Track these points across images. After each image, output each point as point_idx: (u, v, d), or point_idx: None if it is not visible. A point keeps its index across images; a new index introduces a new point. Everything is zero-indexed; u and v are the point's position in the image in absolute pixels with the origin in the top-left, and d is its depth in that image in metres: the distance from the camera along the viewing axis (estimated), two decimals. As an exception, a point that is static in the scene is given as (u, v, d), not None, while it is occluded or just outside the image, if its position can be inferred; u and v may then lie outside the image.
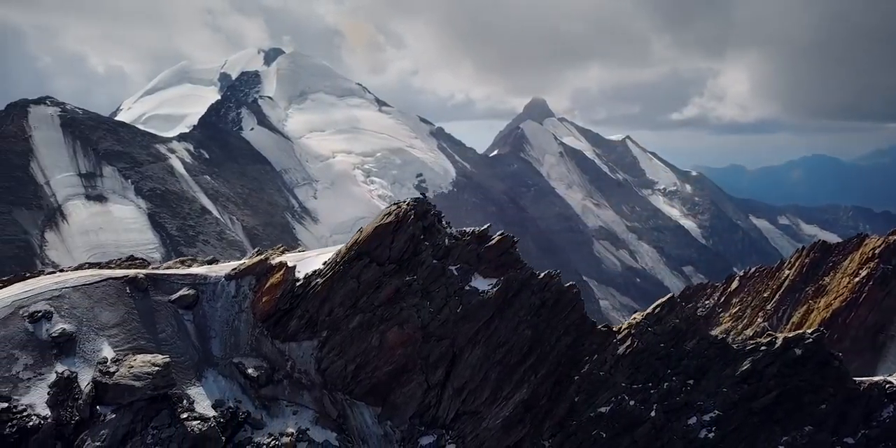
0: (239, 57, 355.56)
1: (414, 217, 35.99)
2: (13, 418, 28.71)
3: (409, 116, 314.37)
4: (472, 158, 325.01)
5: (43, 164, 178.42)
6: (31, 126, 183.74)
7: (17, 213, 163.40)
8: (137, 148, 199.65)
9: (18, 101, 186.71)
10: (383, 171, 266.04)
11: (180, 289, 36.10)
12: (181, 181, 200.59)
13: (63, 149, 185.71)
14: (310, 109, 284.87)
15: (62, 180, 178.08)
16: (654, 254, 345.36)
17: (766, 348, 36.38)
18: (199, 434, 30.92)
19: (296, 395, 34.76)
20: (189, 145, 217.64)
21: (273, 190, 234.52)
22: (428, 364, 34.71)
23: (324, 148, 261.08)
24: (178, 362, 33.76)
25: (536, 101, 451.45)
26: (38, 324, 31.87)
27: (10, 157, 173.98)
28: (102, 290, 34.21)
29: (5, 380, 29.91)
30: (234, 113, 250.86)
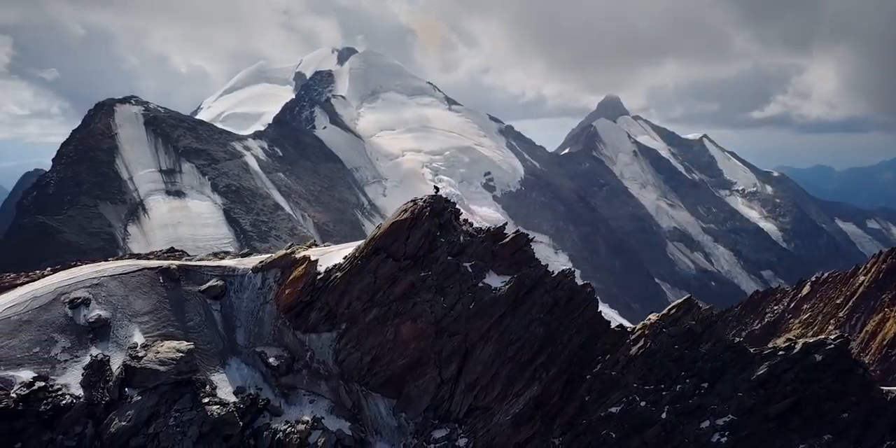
0: (313, 56, 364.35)
1: (430, 214, 36.67)
2: (49, 396, 31.00)
3: (478, 115, 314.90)
4: (542, 157, 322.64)
5: (127, 161, 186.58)
6: (116, 124, 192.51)
7: (103, 207, 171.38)
8: (215, 145, 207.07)
9: (105, 101, 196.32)
10: (451, 170, 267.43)
11: (210, 280, 38.00)
12: (256, 178, 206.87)
13: (146, 146, 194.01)
14: (380, 108, 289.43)
15: (144, 176, 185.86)
16: (731, 257, 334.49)
17: (784, 353, 35.22)
18: (218, 418, 32.59)
19: (313, 384, 36.07)
20: (264, 143, 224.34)
21: (344, 187, 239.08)
22: (441, 359, 35.36)
23: (393, 146, 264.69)
24: (203, 350, 35.59)
25: (610, 98, 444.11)
26: (77, 309, 34.22)
27: (97, 154, 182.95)
28: (137, 280, 36.39)
29: (44, 361, 32.30)
30: (307, 112, 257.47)
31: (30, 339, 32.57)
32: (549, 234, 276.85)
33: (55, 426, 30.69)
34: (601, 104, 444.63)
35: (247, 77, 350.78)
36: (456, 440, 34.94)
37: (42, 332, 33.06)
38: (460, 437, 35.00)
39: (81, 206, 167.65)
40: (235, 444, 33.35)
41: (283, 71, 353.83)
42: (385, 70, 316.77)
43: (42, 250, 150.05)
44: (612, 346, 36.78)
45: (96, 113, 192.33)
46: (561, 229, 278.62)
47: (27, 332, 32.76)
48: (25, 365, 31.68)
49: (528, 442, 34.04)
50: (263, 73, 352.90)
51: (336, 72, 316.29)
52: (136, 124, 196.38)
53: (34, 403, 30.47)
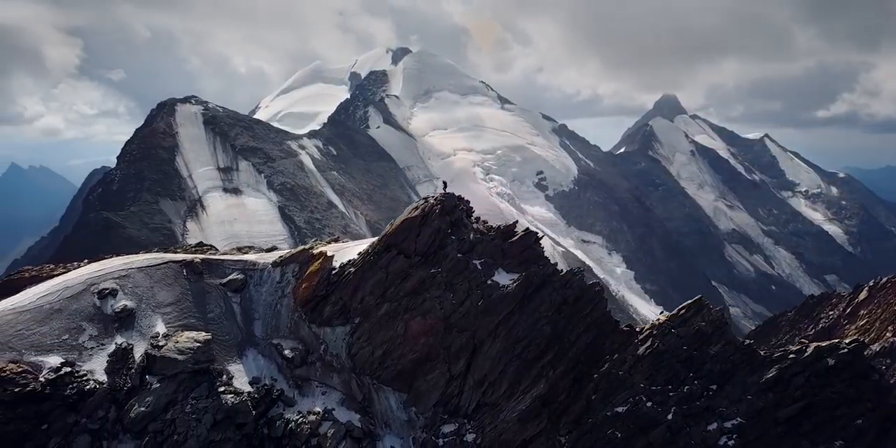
0: (368, 57, 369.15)
1: (441, 212, 37.21)
2: (74, 381, 32.75)
3: (531, 114, 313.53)
4: (596, 156, 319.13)
5: (187, 159, 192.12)
6: (177, 123, 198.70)
7: (164, 204, 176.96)
8: (271, 144, 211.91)
9: (167, 101, 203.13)
10: (503, 169, 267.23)
11: (231, 273, 39.39)
12: (310, 176, 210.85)
13: (205, 144, 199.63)
14: (433, 108, 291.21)
15: (203, 174, 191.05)
16: (793, 260, 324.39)
17: (795, 356, 34.41)
18: (232, 407, 33.88)
19: (326, 376, 37.07)
20: (318, 142, 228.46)
21: (396, 186, 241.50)
22: (450, 354, 35.90)
23: (445, 145, 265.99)
24: (222, 341, 37.00)
25: (667, 97, 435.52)
26: (105, 300, 36.02)
27: (159, 152, 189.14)
28: (162, 272, 38.05)
29: (72, 348, 34.14)
30: (361, 111, 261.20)
31: (60, 327, 34.48)
32: (602, 235, 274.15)
33: (80, 409, 32.39)
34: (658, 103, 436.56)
35: (303, 77, 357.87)
36: (464, 435, 35.41)
37: (71, 321, 34.95)
38: (468, 433, 35.46)
39: (143, 202, 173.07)
40: (249, 432, 34.58)
41: (338, 71, 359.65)
42: (438, 69, 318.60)
43: (106, 244, 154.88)
44: (620, 346, 36.66)
45: (158, 112, 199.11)
46: (615, 230, 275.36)
47: (58, 320, 34.70)
48: (54, 351, 33.56)
49: (534, 439, 34.26)
50: (319, 73, 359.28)
51: (390, 72, 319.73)
52: (195, 123, 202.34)
53: (61, 388, 32.25)
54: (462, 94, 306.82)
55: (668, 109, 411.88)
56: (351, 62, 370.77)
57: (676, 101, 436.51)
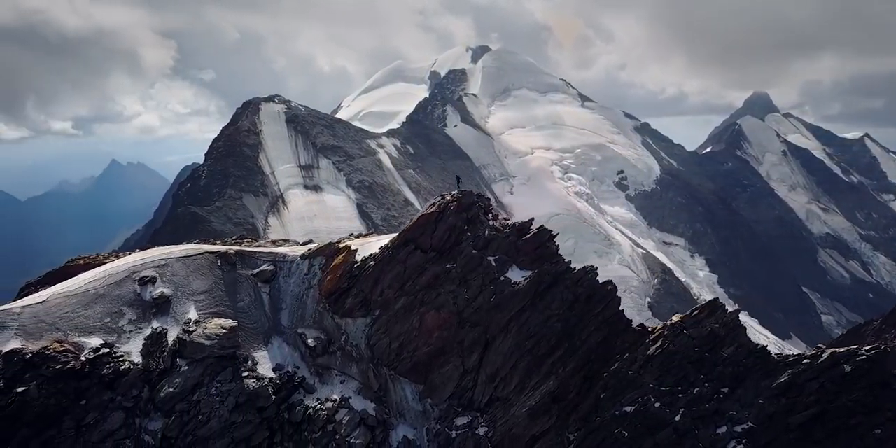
0: (448, 55, 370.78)
1: (457, 208, 37.87)
2: (111, 362, 35.37)
3: (612, 112, 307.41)
4: (680, 156, 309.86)
5: (270, 156, 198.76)
6: (261, 121, 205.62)
7: (247, 199, 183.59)
8: (350, 142, 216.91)
9: (252, 100, 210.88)
10: (582, 168, 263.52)
11: (262, 265, 41.36)
12: (388, 174, 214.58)
13: (287, 142, 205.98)
14: (512, 106, 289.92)
15: (285, 171, 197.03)
16: (893, 267, 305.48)
17: (810, 361, 33.06)
18: (253, 391, 35.80)
19: (346, 366, 38.49)
20: (396, 141, 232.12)
21: (471, 184, 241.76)
22: (463, 348, 36.58)
23: (523, 144, 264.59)
24: (250, 329, 39.01)
25: (758, 95, 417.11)
26: (145, 287, 38.63)
27: (243, 149, 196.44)
28: (198, 262, 40.41)
29: (112, 330, 36.85)
30: (439, 110, 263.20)
31: (102, 311, 37.26)
32: (685, 237, 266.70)
33: (115, 388, 34.94)
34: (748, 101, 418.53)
35: (384, 76, 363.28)
36: (476, 428, 36.07)
37: (113, 305, 37.70)
38: (481, 426, 36.09)
39: (228, 197, 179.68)
40: (270, 415, 36.42)
41: (418, 70, 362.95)
42: (518, 67, 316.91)
43: (192, 238, 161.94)
44: (631, 345, 36.36)
45: (243, 111, 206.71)
46: (698, 232, 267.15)
47: (101, 304, 37.50)
48: (96, 333, 36.32)
49: (543, 435, 34.53)
50: (400, 72, 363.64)
51: (469, 70, 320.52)
52: (278, 122, 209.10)
53: (99, 367, 34.89)
54: (541, 92, 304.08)
55: (758, 108, 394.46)
56: (431, 61, 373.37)
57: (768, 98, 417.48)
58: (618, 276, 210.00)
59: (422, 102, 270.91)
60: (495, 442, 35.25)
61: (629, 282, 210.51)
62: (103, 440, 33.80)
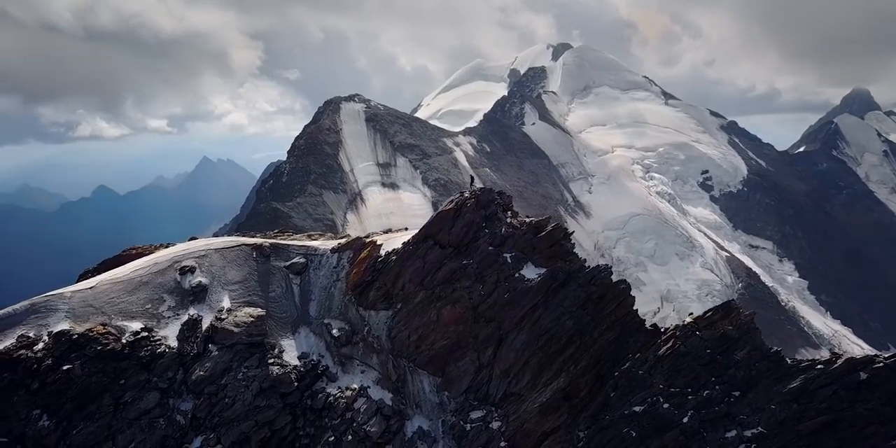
0: (528, 53, 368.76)
1: (475, 206, 38.40)
2: (149, 345, 37.89)
3: (697, 110, 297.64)
4: (770, 155, 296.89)
5: (349, 154, 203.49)
6: (341, 120, 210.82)
7: (327, 196, 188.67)
8: (427, 141, 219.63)
9: (333, 99, 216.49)
10: (664, 167, 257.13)
11: (294, 257, 43.16)
12: (463, 172, 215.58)
13: (366, 141, 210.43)
14: (592, 103, 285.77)
15: (363, 169, 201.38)
16: None
17: (824, 367, 31.60)
18: (276, 377, 37.57)
19: (367, 356, 39.76)
20: (472, 139, 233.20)
21: (548, 183, 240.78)
22: (478, 343, 37.13)
23: (603, 142, 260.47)
24: (279, 318, 40.86)
25: (857, 91, 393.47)
26: (185, 276, 41.09)
27: (324, 148, 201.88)
28: (235, 253, 42.61)
29: (152, 316, 39.43)
30: (517, 108, 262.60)
31: (145, 297, 39.93)
32: (773, 240, 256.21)
33: (152, 369, 37.43)
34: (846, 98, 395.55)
35: (463, 75, 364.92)
36: (490, 422, 36.61)
37: (155, 292, 40.31)
38: (494, 420, 36.61)
39: (308, 194, 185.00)
40: (294, 401, 38.12)
41: (498, 68, 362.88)
42: (599, 65, 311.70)
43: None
44: (643, 345, 35.93)
45: (325, 110, 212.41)
46: (787, 235, 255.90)
47: (144, 291, 40.19)
48: (137, 318, 38.97)
49: (554, 431, 34.70)
50: (479, 70, 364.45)
51: (549, 68, 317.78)
52: (358, 120, 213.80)
53: (137, 349, 37.46)
54: (623, 90, 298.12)
55: (857, 105, 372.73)
56: (511, 59, 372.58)
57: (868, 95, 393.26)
58: (699, 279, 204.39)
59: (500, 100, 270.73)
60: (508, 436, 35.67)
61: (711, 286, 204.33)
62: (139, 417, 36.29)
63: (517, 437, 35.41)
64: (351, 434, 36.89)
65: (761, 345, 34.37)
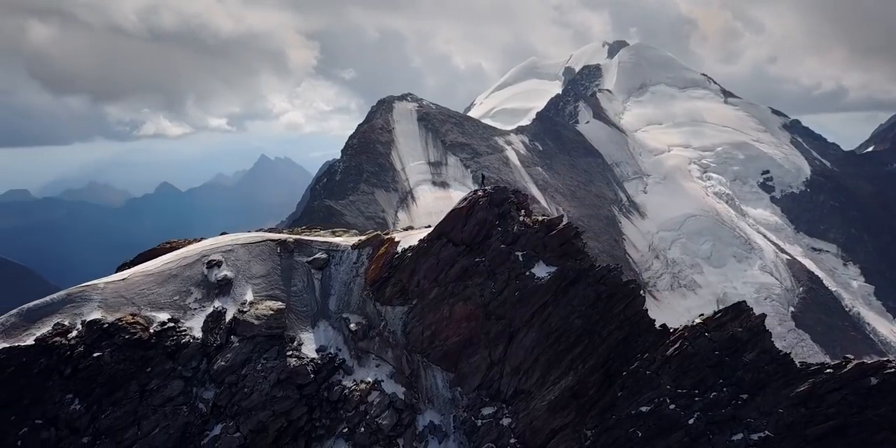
0: (583, 51, 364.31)
1: (488, 204, 38.65)
2: (175, 335, 39.51)
3: (758, 108, 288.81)
4: (835, 156, 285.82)
5: (401, 153, 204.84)
6: (394, 119, 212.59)
7: (379, 194, 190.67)
8: (478, 140, 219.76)
9: (386, 98, 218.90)
10: (723, 167, 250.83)
11: (317, 253, 44.26)
12: (514, 171, 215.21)
13: (417, 140, 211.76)
14: (648, 102, 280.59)
15: (415, 167, 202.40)
16: None
17: (833, 372, 30.55)
18: (293, 369, 38.73)
19: (382, 351, 40.56)
20: (525, 138, 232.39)
21: (602, 183, 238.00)
22: (489, 340, 37.43)
23: (659, 141, 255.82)
24: (300, 311, 42.03)
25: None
26: (212, 269, 42.66)
27: (376, 147, 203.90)
28: (260, 248, 43.99)
29: (179, 307, 41.09)
30: (571, 106, 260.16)
31: (173, 289, 41.65)
32: (837, 244, 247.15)
33: (177, 358, 39.04)
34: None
35: (517, 73, 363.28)
36: (501, 419, 36.92)
37: (183, 285, 42.00)
38: (505, 417, 36.89)
39: (361, 192, 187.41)
40: (311, 393, 39.20)
41: (552, 66, 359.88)
42: (656, 62, 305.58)
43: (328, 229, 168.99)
44: (651, 345, 35.58)
45: (378, 109, 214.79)
46: (853, 238, 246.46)
47: (173, 283, 41.91)
48: (165, 309, 40.69)
49: (562, 429, 34.78)
50: (534, 69, 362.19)
51: (604, 66, 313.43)
52: (410, 120, 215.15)
53: (164, 339, 39.13)
54: (681, 88, 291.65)
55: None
56: (566, 57, 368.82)
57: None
58: (758, 282, 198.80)
59: (553, 99, 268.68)
60: (518, 433, 35.93)
61: (771, 289, 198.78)
62: (163, 404, 37.93)
63: (526, 433, 35.61)
64: (364, 426, 37.74)
65: (771, 347, 33.70)
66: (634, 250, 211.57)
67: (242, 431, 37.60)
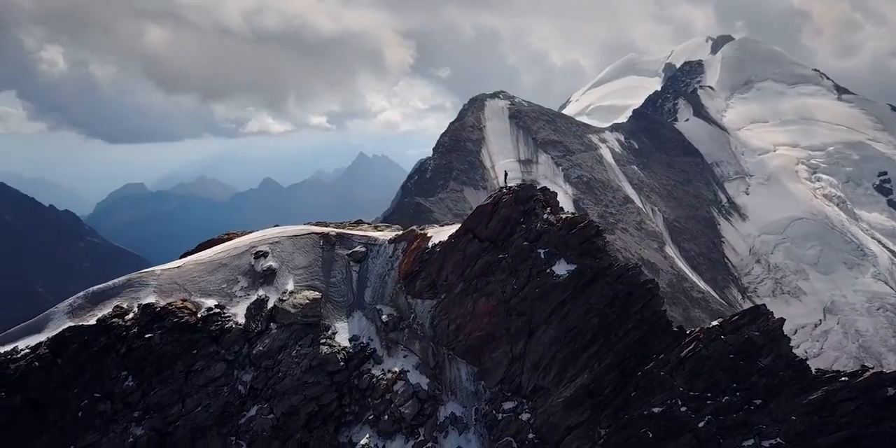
0: (685, 47, 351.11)
1: (513, 201, 38.90)
2: (220, 320, 42.16)
3: (876, 105, 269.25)
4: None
5: (491, 151, 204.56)
6: (485, 117, 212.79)
7: (468, 192, 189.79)
8: (571, 137, 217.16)
9: (478, 96, 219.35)
10: (834, 168, 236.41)
11: (356, 246, 45.97)
12: (608, 170, 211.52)
13: (508, 137, 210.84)
14: (753, 99, 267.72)
15: (504, 165, 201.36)
16: None
17: (848, 380, 28.64)
18: (324, 356, 40.57)
19: (410, 342, 41.77)
20: (620, 136, 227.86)
21: (700, 183, 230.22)
22: (511, 336, 37.83)
23: (764, 140, 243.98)
24: (336, 302, 43.89)
25: None
26: (258, 260, 45.19)
27: (467, 145, 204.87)
28: (304, 241, 46.18)
29: (227, 295, 43.78)
30: (670, 103, 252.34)
31: (222, 278, 44.42)
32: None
33: (220, 342, 41.68)
34: None
35: (615, 70, 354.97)
36: (520, 414, 37.38)
37: (231, 274, 44.72)
38: (525, 412, 37.33)
39: (450, 190, 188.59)
40: (342, 380, 40.93)
41: (652, 62, 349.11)
42: (763, 57, 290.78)
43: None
44: (667, 346, 34.83)
45: (469, 107, 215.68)
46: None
47: (222, 272, 44.70)
48: (213, 296, 43.47)
49: (577, 426, 34.80)
50: (632, 65, 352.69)
51: (707, 61, 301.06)
52: (501, 117, 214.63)
53: (209, 323, 41.86)
54: (789, 84, 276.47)
55: None
56: (666, 53, 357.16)
57: None
58: (870, 291, 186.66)
59: (651, 96, 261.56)
60: (536, 428, 36.24)
61: (884, 299, 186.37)
62: (206, 384, 40.61)
63: (544, 429, 35.85)
64: (388, 414, 39.06)
65: (787, 352, 32.32)
66: (734, 254, 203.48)
67: (276, 413, 39.70)
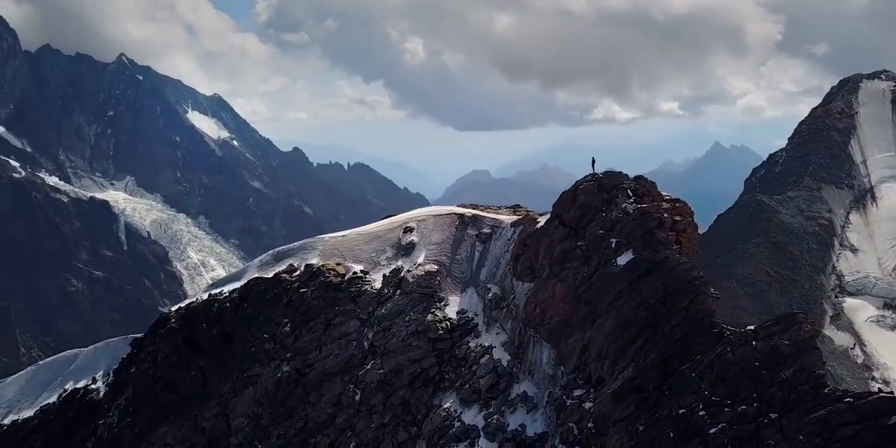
0: None
1: (595, 188, 37.34)
2: (360, 283, 47.84)
3: None
4: None
5: (863, 143, 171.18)
6: (858, 102, 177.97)
7: (826, 191, 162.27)
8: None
9: (852, 77, 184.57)
10: None
11: (484, 227, 47.68)
12: None
13: (888, 127, 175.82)
14: None
15: (880, 160, 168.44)
16: None
17: (852, 401, 20.72)
18: (427, 323, 43.64)
19: (505, 321, 42.70)
20: None
21: None
22: (580, 323, 36.39)
23: None
24: (457, 277, 46.60)
25: None
26: (405, 235, 49.96)
27: (831, 134, 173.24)
28: (443, 220, 49.52)
29: (373, 262, 49.39)
30: None
31: (374, 248, 50.16)
32: None
33: (357, 302, 47.34)
34: None
35: None
36: (584, 402, 36.08)
37: (382, 245, 50.16)
38: (588, 401, 35.92)
39: (804, 187, 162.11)
40: (445, 348, 43.48)
41: None
42: None
43: (755, 227, 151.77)
44: (705, 348, 30.00)
45: (839, 90, 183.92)
46: None
47: (376, 242, 50.45)
48: (362, 262, 49.45)
49: (622, 420, 32.50)
50: None
51: None
52: (881, 102, 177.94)
53: (352, 285, 47.83)
54: None
55: None
56: None
57: None
58: None
59: None
60: (594, 417, 34.80)
61: None
62: (341, 337, 46.74)
63: (599, 419, 34.19)
64: (469, 384, 40.65)
65: (811, 365, 25.69)
66: None
67: (385, 369, 43.90)
